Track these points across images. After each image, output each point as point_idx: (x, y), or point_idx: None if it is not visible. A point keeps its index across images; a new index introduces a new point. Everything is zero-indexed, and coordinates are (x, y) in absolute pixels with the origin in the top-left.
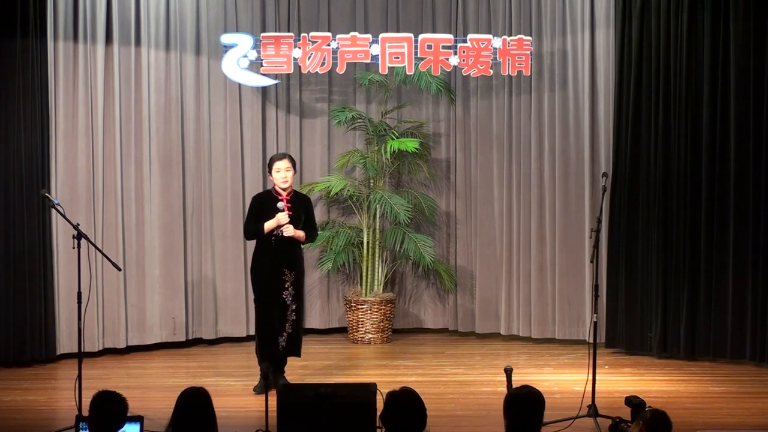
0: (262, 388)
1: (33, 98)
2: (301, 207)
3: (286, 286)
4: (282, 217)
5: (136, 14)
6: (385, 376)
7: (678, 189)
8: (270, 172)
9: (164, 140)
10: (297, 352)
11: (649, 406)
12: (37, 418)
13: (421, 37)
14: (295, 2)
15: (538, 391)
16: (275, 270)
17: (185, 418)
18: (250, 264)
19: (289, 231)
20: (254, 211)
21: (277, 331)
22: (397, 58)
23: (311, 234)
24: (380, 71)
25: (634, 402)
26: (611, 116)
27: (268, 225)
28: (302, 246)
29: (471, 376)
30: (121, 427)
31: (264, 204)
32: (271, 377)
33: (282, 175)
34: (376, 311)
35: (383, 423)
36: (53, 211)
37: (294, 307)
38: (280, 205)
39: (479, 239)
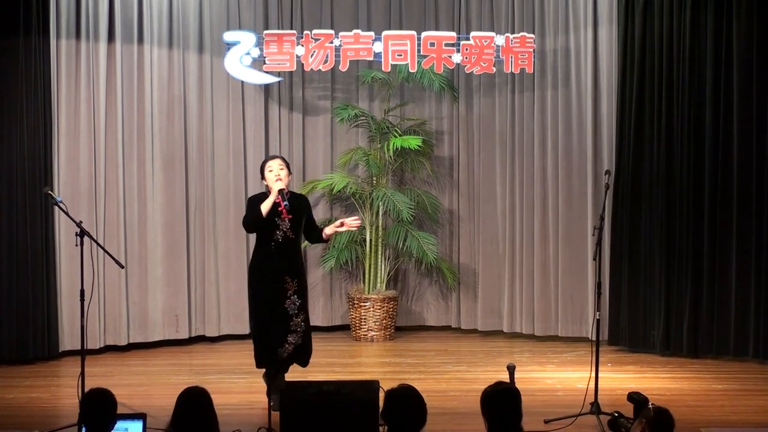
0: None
1: (36, 96)
2: (302, 209)
3: (289, 294)
4: (277, 186)
5: (139, 12)
6: (387, 373)
7: (681, 186)
8: (263, 175)
9: (167, 138)
10: (305, 362)
11: (652, 403)
12: (39, 415)
13: (424, 34)
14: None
15: (512, 385)
16: (277, 278)
17: (185, 420)
18: (248, 270)
19: (278, 185)
20: (252, 206)
21: (276, 342)
22: (400, 55)
23: (320, 237)
24: (383, 69)
25: (636, 398)
26: (614, 114)
27: (266, 203)
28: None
29: (474, 373)
30: (114, 423)
31: (262, 201)
32: (274, 384)
33: (275, 173)
34: (379, 309)
35: (384, 420)
36: (56, 208)
37: (303, 317)
38: (279, 185)
39: (482, 237)
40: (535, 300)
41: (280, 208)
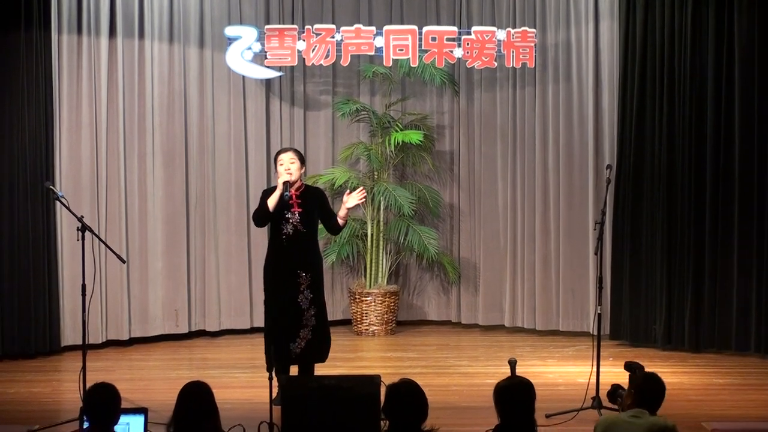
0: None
1: (37, 91)
2: (314, 202)
3: (302, 289)
4: (282, 178)
5: (140, 7)
6: (389, 368)
7: (682, 181)
8: (276, 167)
9: (168, 133)
10: (321, 358)
11: (638, 369)
12: (41, 410)
13: (425, 29)
14: None
15: (527, 380)
16: (289, 272)
17: (187, 414)
18: (264, 265)
19: (284, 177)
20: (261, 199)
21: (288, 338)
22: (401, 50)
23: (337, 224)
24: (384, 63)
25: (633, 366)
26: (615, 108)
27: (273, 197)
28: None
29: (475, 368)
30: (118, 417)
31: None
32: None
33: (285, 167)
34: (380, 303)
35: (385, 415)
36: (57, 203)
37: (314, 311)
38: (284, 177)
39: (483, 231)
40: (537, 294)
41: (291, 201)
